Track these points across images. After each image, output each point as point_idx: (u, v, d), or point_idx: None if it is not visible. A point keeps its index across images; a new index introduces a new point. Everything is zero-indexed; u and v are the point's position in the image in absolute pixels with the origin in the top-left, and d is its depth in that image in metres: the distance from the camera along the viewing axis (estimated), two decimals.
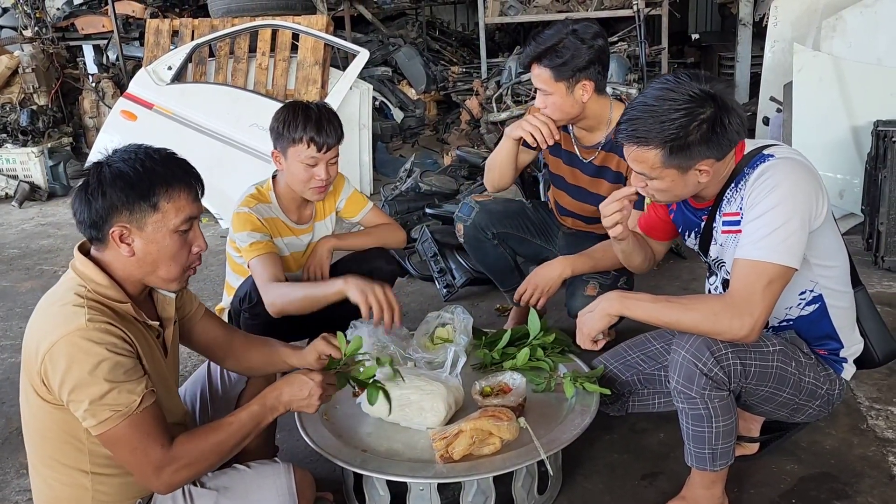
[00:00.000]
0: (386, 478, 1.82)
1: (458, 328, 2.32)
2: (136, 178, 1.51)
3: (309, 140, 2.35)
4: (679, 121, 1.64)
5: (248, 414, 1.64)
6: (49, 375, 1.45)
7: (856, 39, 4.01)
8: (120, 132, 4.95)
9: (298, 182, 2.43)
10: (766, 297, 1.65)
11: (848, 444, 2.22)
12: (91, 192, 1.51)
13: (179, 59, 5.15)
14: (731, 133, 1.67)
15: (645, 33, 5.86)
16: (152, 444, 1.49)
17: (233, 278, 2.60)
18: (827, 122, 3.88)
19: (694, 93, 1.65)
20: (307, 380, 1.70)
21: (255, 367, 1.93)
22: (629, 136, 1.70)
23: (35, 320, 1.53)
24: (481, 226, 2.63)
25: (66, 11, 7.47)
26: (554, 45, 2.33)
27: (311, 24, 5.25)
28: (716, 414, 1.73)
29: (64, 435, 1.53)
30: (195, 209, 1.59)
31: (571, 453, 2.08)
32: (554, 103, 2.40)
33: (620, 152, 2.51)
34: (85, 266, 1.55)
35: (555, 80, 2.36)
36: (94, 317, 1.46)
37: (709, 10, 10.76)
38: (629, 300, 1.80)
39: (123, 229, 1.52)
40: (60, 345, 1.43)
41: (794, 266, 1.65)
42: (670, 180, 1.72)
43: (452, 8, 10.94)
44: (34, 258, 4.61)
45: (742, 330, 1.65)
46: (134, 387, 1.47)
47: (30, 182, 5.96)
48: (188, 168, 1.61)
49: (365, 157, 5.43)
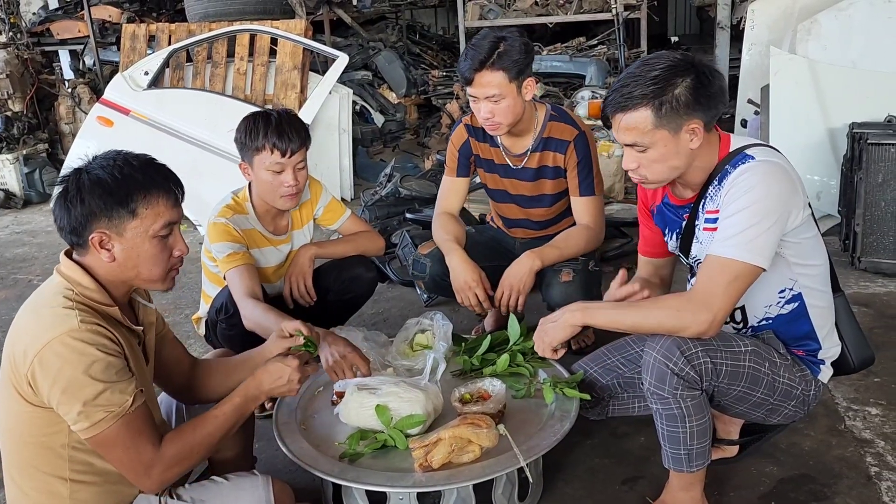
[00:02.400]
0: (365, 487, 1.80)
1: (438, 334, 2.31)
2: (115, 185, 1.51)
3: (272, 146, 2.33)
4: (661, 76, 1.68)
5: (232, 406, 1.66)
6: (38, 377, 1.44)
7: (831, 42, 4.06)
8: (96, 138, 4.90)
9: (268, 191, 2.40)
10: (729, 293, 1.67)
11: (826, 446, 2.23)
12: (70, 199, 1.51)
13: (156, 64, 5.10)
14: (716, 91, 1.71)
15: (624, 36, 5.90)
16: (144, 443, 1.51)
17: (209, 287, 2.58)
18: (803, 124, 3.92)
19: (674, 58, 1.72)
20: (283, 365, 1.73)
21: (220, 389, 1.85)
22: (616, 104, 1.73)
23: (20, 324, 1.52)
24: (439, 276, 2.63)
25: (42, 16, 7.37)
26: (497, 49, 2.34)
27: (290, 29, 5.22)
28: (689, 413, 1.74)
29: (44, 440, 1.51)
30: (174, 214, 1.59)
31: (552, 459, 2.08)
32: (507, 106, 2.40)
33: (553, 148, 2.56)
34: (71, 270, 1.55)
35: (508, 81, 2.36)
36: (86, 318, 1.47)
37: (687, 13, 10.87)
38: (591, 310, 1.83)
39: (103, 235, 1.52)
40: (53, 345, 1.43)
41: (761, 265, 1.67)
42: (663, 145, 1.72)
43: (432, 11, 10.95)
44: (8, 267, 4.54)
45: (702, 325, 1.67)
46: (125, 387, 1.48)
47: (4, 189, 5.88)
48: (167, 173, 1.60)
49: (345, 162, 5.40)
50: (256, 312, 2.23)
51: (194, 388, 1.87)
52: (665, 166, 1.77)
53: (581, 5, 6.75)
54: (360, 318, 3.19)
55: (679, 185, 1.89)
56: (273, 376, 1.72)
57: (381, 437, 1.88)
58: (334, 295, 2.62)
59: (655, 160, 1.75)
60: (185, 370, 1.87)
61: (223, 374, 1.88)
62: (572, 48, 6.61)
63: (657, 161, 1.76)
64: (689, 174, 1.82)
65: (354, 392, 1.96)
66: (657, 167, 1.77)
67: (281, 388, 1.73)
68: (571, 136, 2.55)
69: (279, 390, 1.73)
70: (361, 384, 1.97)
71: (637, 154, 1.76)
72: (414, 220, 3.95)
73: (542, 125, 2.57)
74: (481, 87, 2.37)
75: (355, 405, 1.94)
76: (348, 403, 1.95)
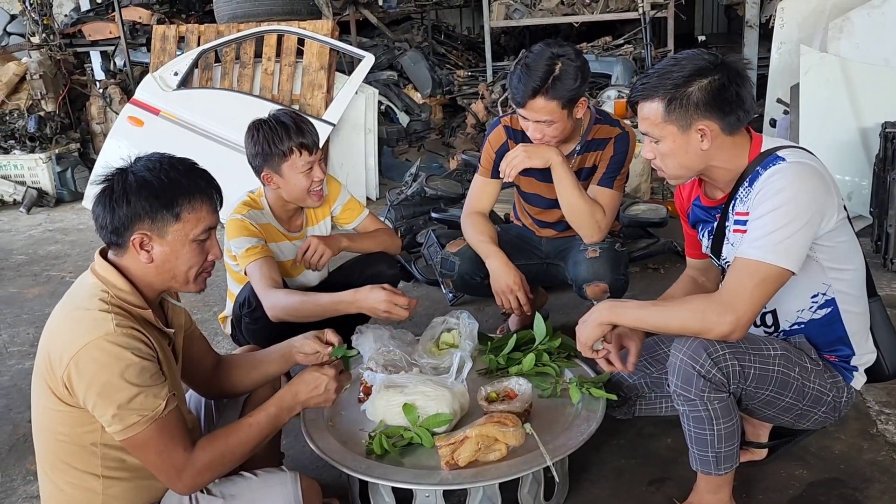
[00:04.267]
0: (391, 484, 1.81)
1: (464, 333, 2.32)
2: (161, 188, 1.54)
3: (299, 147, 2.34)
4: (681, 73, 1.70)
5: (266, 416, 1.67)
6: (74, 380, 1.46)
7: (863, 40, 3.99)
8: (127, 138, 4.98)
9: (300, 192, 2.41)
10: (755, 296, 1.65)
11: (857, 450, 2.20)
12: (115, 199, 1.54)
13: (185, 64, 5.17)
14: (731, 97, 1.70)
15: (651, 35, 5.85)
16: (176, 447, 1.53)
17: (233, 286, 2.60)
18: (834, 123, 3.86)
19: (704, 58, 1.72)
20: (320, 375, 1.74)
21: (244, 383, 1.91)
22: (638, 93, 1.77)
23: (56, 325, 1.55)
24: (468, 274, 2.65)
25: (74, 18, 7.50)
26: (551, 74, 2.29)
27: (317, 29, 5.26)
28: (716, 416, 1.73)
29: (77, 438, 1.54)
30: (214, 220, 1.62)
31: (578, 458, 2.07)
32: (556, 129, 2.39)
33: (594, 148, 2.57)
34: (106, 271, 1.57)
35: (561, 108, 2.34)
36: (122, 322, 1.50)
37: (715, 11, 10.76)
38: (618, 308, 1.82)
39: (144, 237, 1.55)
40: (89, 349, 1.45)
41: (789, 268, 1.65)
42: (672, 140, 1.74)
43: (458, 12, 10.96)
44: (41, 264, 4.62)
45: (726, 327, 1.65)
46: (159, 391, 1.51)
47: (37, 188, 5.99)
48: (209, 179, 1.64)
49: (371, 162, 5.43)
50: (284, 298, 2.25)
51: (218, 383, 1.90)
52: (675, 162, 1.78)
53: (607, 4, 6.71)
54: None
55: (709, 185, 1.88)
56: (310, 386, 1.73)
57: (407, 434, 1.89)
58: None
59: (665, 154, 1.78)
60: (209, 366, 1.89)
61: (247, 368, 1.90)
62: (598, 47, 6.58)
63: (668, 155, 1.78)
64: (715, 174, 1.80)
65: (382, 390, 1.97)
66: (668, 161, 1.79)
67: (317, 398, 1.74)
68: (614, 134, 2.56)
69: (315, 400, 1.75)
70: (389, 382, 1.99)
71: (652, 145, 1.80)
72: (439, 219, 3.95)
73: (587, 129, 2.57)
74: (533, 112, 2.35)
75: (382, 403, 1.95)
76: (375, 401, 1.97)
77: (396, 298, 2.16)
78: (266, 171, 2.40)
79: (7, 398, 2.91)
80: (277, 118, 2.37)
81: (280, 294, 2.28)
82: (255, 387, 1.92)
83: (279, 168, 2.37)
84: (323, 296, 2.30)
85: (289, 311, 2.26)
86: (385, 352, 2.21)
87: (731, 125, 1.73)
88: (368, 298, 2.18)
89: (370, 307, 2.19)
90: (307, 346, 1.89)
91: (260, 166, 2.40)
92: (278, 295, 2.27)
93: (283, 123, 2.35)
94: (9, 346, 3.42)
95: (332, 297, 2.26)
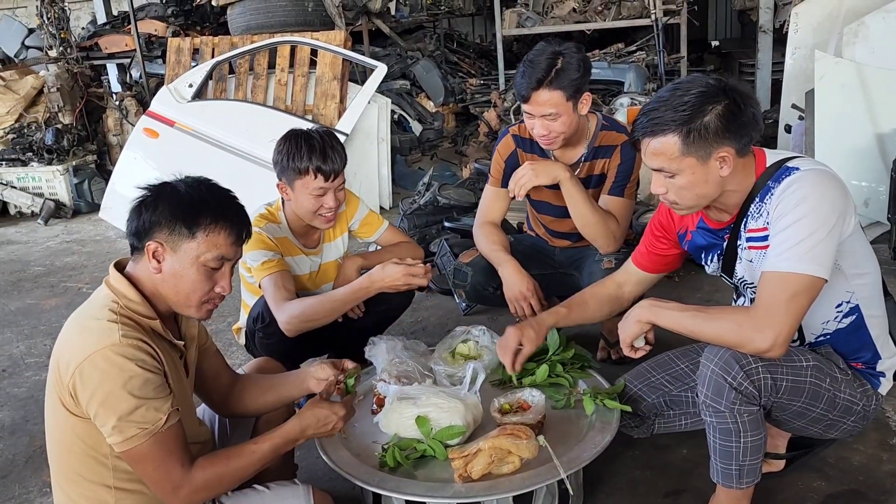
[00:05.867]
0: (405, 497, 1.80)
1: (483, 346, 2.32)
2: (188, 202, 1.57)
3: (315, 170, 2.33)
4: (692, 102, 1.65)
5: (271, 445, 1.66)
6: (78, 389, 1.47)
7: (879, 45, 3.95)
8: (142, 149, 5.02)
9: (307, 212, 2.42)
10: (792, 310, 1.61)
11: (877, 461, 2.17)
12: (146, 203, 1.58)
13: (200, 76, 5.21)
14: (749, 121, 1.66)
15: (664, 42, 5.83)
16: (174, 463, 1.52)
17: (248, 297, 2.61)
18: (850, 129, 3.82)
19: (707, 83, 1.68)
20: (330, 414, 1.74)
21: (256, 405, 1.91)
22: (646, 129, 1.70)
23: (67, 334, 1.57)
24: (481, 285, 2.65)
25: (91, 31, 7.60)
26: (554, 67, 2.32)
27: (330, 40, 5.29)
28: (745, 429, 1.70)
29: (88, 449, 1.55)
30: (231, 252, 1.61)
31: (592, 471, 2.05)
32: (563, 123, 2.40)
33: (602, 156, 2.56)
34: (118, 282, 1.59)
35: (566, 99, 2.35)
36: (128, 333, 1.50)
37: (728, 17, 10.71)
38: (658, 308, 1.80)
39: (159, 246, 1.56)
40: (94, 359, 1.46)
41: (822, 276, 1.61)
42: (691, 172, 1.68)
43: (470, 20, 10.98)
44: (59, 275, 4.67)
45: (764, 343, 1.61)
46: (161, 405, 1.51)
47: (55, 199, 6.06)
48: (239, 211, 1.65)
49: (384, 171, 5.44)
50: (298, 306, 2.26)
51: (231, 401, 1.90)
52: (693, 193, 1.73)
53: (619, 11, 6.70)
54: (400, 327, 3.21)
55: (715, 209, 1.83)
56: (320, 423, 1.73)
57: (420, 447, 1.88)
58: (373, 304, 2.63)
59: (683, 187, 1.71)
60: (224, 383, 1.89)
61: (261, 391, 1.90)
62: (611, 54, 6.56)
63: (684, 188, 1.72)
64: (724, 198, 1.77)
65: (395, 402, 1.97)
66: (685, 193, 1.73)
67: (323, 431, 1.75)
68: (620, 141, 2.55)
69: (320, 434, 1.75)
70: (402, 394, 1.98)
71: (665, 179, 1.73)
72: (452, 228, 3.95)
73: (594, 135, 2.57)
74: (538, 106, 2.36)
75: (395, 415, 1.95)
76: (388, 413, 1.97)
77: (412, 269, 2.21)
78: (281, 182, 2.43)
79: (24, 409, 2.94)
80: (309, 135, 2.37)
81: (293, 304, 2.28)
82: (269, 410, 1.92)
83: (292, 183, 2.39)
84: (337, 291, 2.33)
85: (306, 317, 2.26)
86: (398, 363, 2.20)
87: (745, 147, 1.70)
88: (385, 277, 2.25)
89: (389, 284, 2.25)
90: (321, 372, 1.89)
91: (279, 175, 2.43)
92: (291, 306, 2.27)
93: (309, 142, 2.34)
94: (26, 357, 3.45)
95: (347, 289, 2.30)
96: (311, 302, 2.30)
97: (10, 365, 3.37)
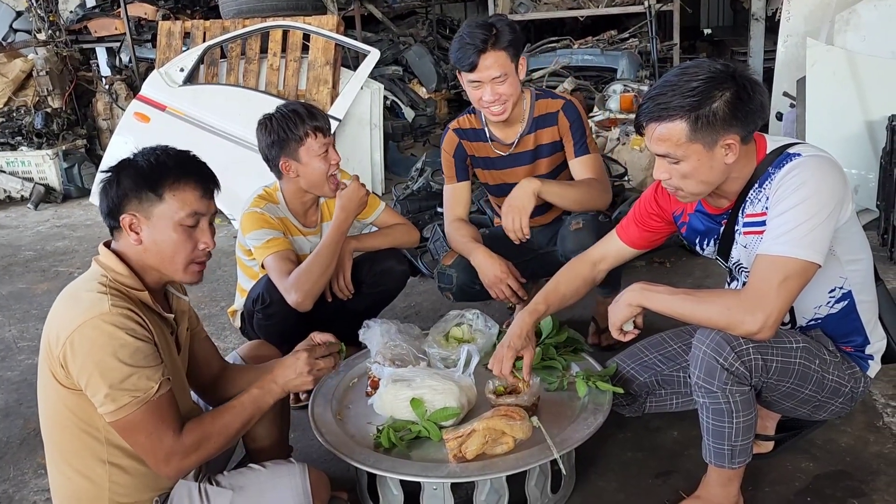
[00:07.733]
0: (399, 477, 1.82)
1: (476, 329, 2.33)
2: (148, 170, 1.59)
3: (314, 130, 2.39)
4: (700, 88, 1.62)
5: (249, 397, 1.69)
6: (69, 359, 1.48)
7: (870, 33, 3.97)
8: (133, 134, 4.99)
9: (319, 177, 2.44)
10: (782, 294, 1.62)
11: (863, 442, 2.20)
12: (109, 183, 1.60)
13: (191, 60, 5.18)
14: (756, 107, 1.65)
15: (656, 29, 5.84)
16: (166, 431, 1.54)
17: (244, 281, 2.62)
18: (841, 117, 3.85)
19: (714, 68, 1.65)
20: (293, 359, 1.76)
21: None
22: (652, 113, 1.67)
23: (57, 308, 1.58)
24: (467, 284, 2.65)
25: (80, 14, 7.52)
26: (493, 30, 2.36)
27: (322, 25, 5.26)
28: (737, 409, 1.73)
29: (81, 423, 1.56)
30: (202, 206, 1.63)
31: (585, 452, 2.08)
32: (510, 85, 2.43)
33: (545, 124, 2.58)
34: (106, 257, 1.61)
35: (510, 59, 2.40)
36: (117, 303, 1.52)
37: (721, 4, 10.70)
38: (649, 292, 1.81)
39: (133, 218, 1.58)
40: (84, 328, 1.47)
41: (816, 261, 1.62)
42: (696, 159, 1.66)
43: (462, 6, 10.93)
44: (49, 260, 4.65)
45: (754, 325, 1.63)
46: (152, 373, 1.51)
47: (45, 184, 6.02)
48: (200, 166, 1.66)
49: (376, 157, 5.44)
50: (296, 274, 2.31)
51: (219, 389, 1.91)
52: (696, 180, 1.71)
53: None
54: (393, 311, 3.22)
55: (715, 195, 1.82)
56: (286, 370, 1.75)
57: (415, 428, 1.90)
58: (367, 287, 2.65)
59: (687, 174, 1.70)
60: (213, 371, 1.90)
61: (249, 380, 1.89)
62: (603, 41, 6.56)
63: (689, 175, 1.70)
64: (725, 185, 1.76)
65: (389, 384, 1.98)
66: (689, 180, 1.71)
67: (294, 381, 1.75)
68: (559, 106, 2.58)
69: (293, 383, 1.75)
70: (396, 376, 2.00)
71: (669, 165, 1.71)
72: None
73: (530, 107, 2.60)
74: (486, 70, 2.38)
75: (390, 397, 1.97)
76: (383, 395, 1.98)
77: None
78: (284, 160, 2.43)
79: (17, 392, 2.94)
80: (288, 106, 2.44)
81: (292, 276, 2.33)
82: None
83: (296, 154, 2.40)
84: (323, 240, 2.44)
85: (309, 280, 2.32)
86: (392, 346, 2.22)
87: (750, 134, 1.69)
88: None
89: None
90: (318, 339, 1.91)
91: (277, 156, 2.43)
92: (292, 277, 2.32)
93: (294, 110, 2.41)
94: (18, 341, 3.44)
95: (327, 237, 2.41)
96: (304, 264, 2.36)
97: (3, 349, 3.37)
